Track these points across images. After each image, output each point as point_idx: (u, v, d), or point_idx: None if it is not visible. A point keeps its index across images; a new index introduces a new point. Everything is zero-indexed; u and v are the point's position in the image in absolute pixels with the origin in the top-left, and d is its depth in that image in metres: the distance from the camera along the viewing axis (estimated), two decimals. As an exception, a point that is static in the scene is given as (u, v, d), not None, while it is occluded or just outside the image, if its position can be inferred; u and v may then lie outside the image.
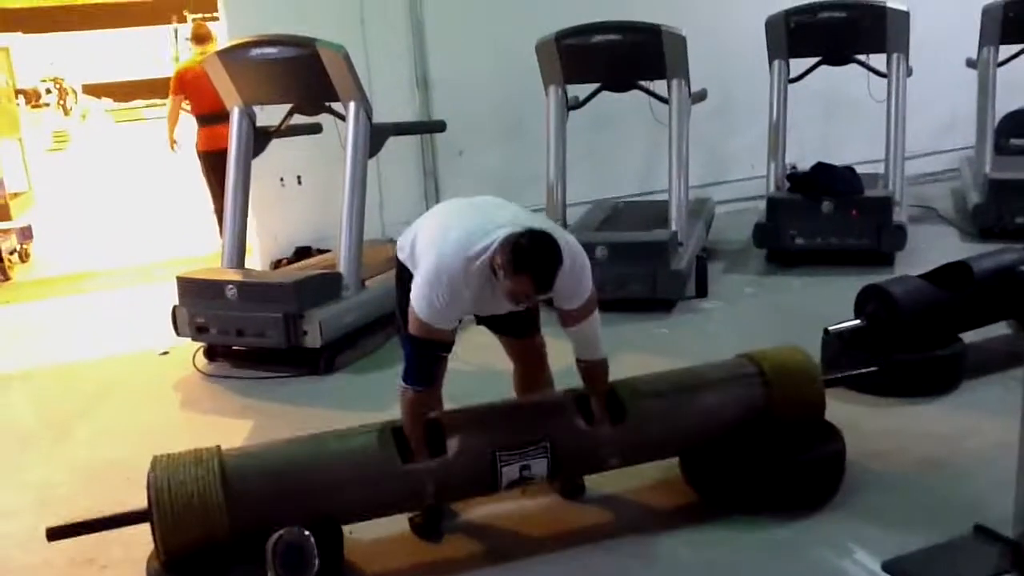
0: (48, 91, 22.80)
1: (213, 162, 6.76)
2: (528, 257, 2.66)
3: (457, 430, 2.97)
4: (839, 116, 8.02)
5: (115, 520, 2.72)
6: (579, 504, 3.30)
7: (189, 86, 6.89)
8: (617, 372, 3.19)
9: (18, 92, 14.43)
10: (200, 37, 7.30)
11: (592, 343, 3.04)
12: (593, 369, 3.09)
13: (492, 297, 2.81)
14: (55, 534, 2.67)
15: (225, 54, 5.36)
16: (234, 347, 5.11)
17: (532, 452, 2.93)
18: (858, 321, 4.22)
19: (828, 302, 4.86)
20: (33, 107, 21.29)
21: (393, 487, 2.86)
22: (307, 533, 1.47)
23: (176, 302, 5.03)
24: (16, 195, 9.18)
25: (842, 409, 3.68)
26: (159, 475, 2.66)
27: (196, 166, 7.16)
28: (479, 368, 4.08)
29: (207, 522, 2.59)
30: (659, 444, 3.17)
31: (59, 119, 21.31)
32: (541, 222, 2.96)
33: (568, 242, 2.89)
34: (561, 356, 3.20)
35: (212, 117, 6.58)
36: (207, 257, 6.97)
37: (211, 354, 5.15)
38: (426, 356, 2.86)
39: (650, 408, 3.14)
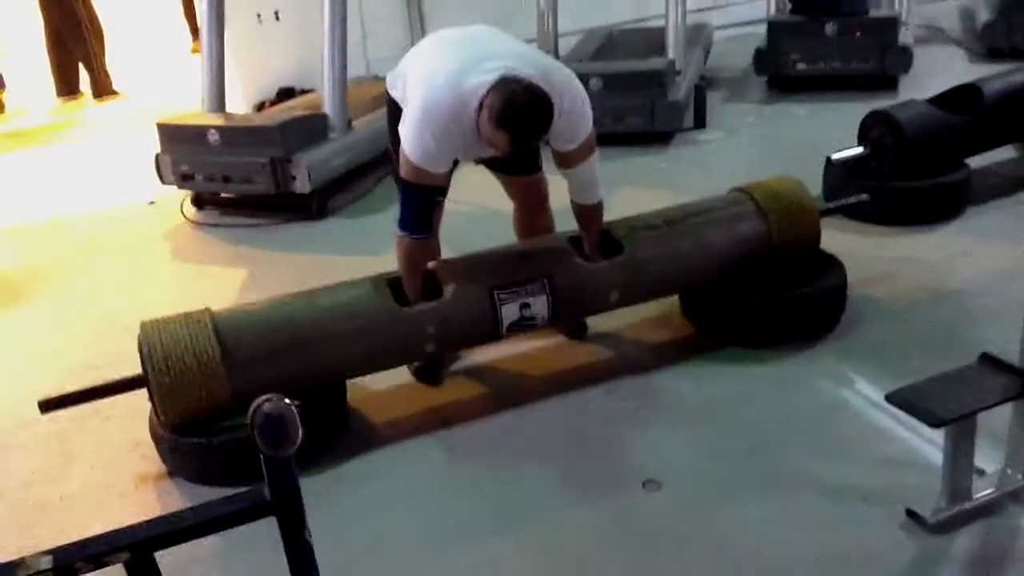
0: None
1: None
2: (516, 115, 2.48)
3: (454, 276, 2.90)
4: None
5: (110, 388, 2.66)
6: (580, 344, 3.29)
7: None
8: (615, 208, 3.11)
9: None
10: None
11: (589, 187, 2.93)
12: (588, 212, 2.99)
13: (479, 142, 2.66)
14: (48, 406, 2.61)
15: None
16: (222, 194, 4.99)
17: (531, 289, 2.86)
18: (862, 148, 4.11)
19: (831, 129, 4.74)
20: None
21: (392, 332, 2.80)
22: (288, 402, 1.38)
23: (158, 149, 4.88)
24: (-17, 41, 8.79)
25: (843, 238, 3.64)
26: (151, 341, 2.58)
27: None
28: (476, 209, 3.99)
29: (206, 386, 2.55)
30: (656, 275, 3.09)
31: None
32: (538, 59, 2.78)
33: (567, 79, 2.72)
34: (562, 194, 3.09)
35: None
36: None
37: (199, 202, 5.04)
38: (421, 201, 2.74)
39: (645, 238, 3.08)
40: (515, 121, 2.49)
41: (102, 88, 8.04)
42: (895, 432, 2.61)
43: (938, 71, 5.83)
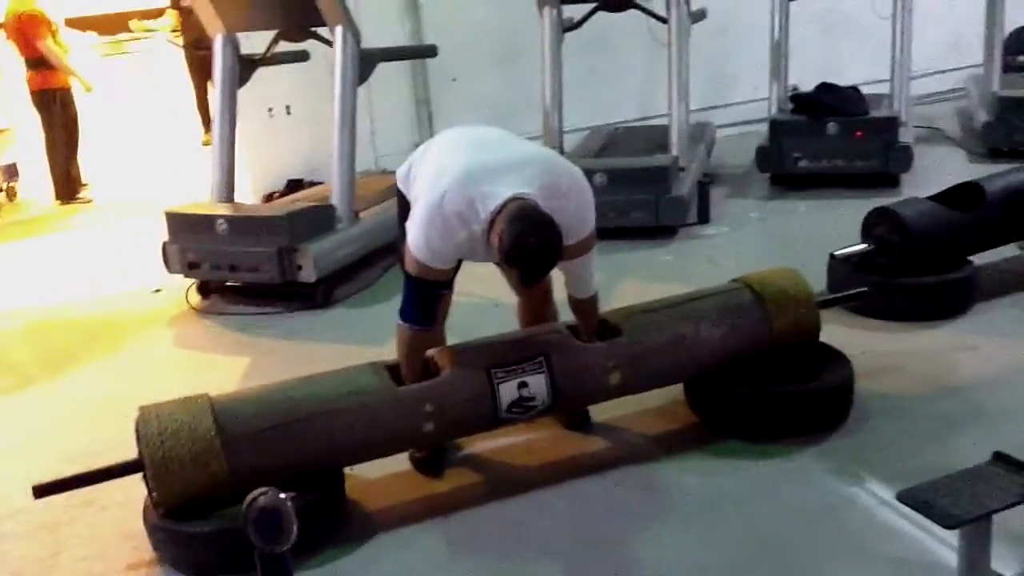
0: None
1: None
2: (526, 256, 2.52)
3: (451, 360, 2.88)
4: (842, 35, 7.82)
5: (106, 473, 2.62)
6: (583, 435, 3.24)
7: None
8: (621, 298, 3.12)
9: (-3, 26, 13.96)
10: None
11: (584, 281, 2.94)
12: (584, 305, 3.01)
13: (486, 251, 2.67)
14: (42, 491, 2.57)
15: (207, -21, 5.14)
16: (228, 283, 5.01)
17: (528, 368, 2.84)
18: (865, 245, 4.13)
19: (834, 226, 4.76)
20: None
21: (389, 410, 2.76)
22: (283, 496, 1.34)
23: (166, 238, 4.92)
24: None
25: (850, 333, 3.62)
26: (149, 426, 2.55)
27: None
28: (482, 300, 3.98)
29: (201, 461, 2.50)
30: (656, 356, 3.04)
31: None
32: (546, 162, 2.78)
33: (573, 181, 2.75)
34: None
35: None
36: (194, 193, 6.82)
37: (204, 290, 5.05)
38: (424, 294, 2.76)
39: (642, 321, 3.08)
40: (524, 262, 2.54)
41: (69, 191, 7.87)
42: (907, 531, 2.53)
43: (939, 170, 5.91)
